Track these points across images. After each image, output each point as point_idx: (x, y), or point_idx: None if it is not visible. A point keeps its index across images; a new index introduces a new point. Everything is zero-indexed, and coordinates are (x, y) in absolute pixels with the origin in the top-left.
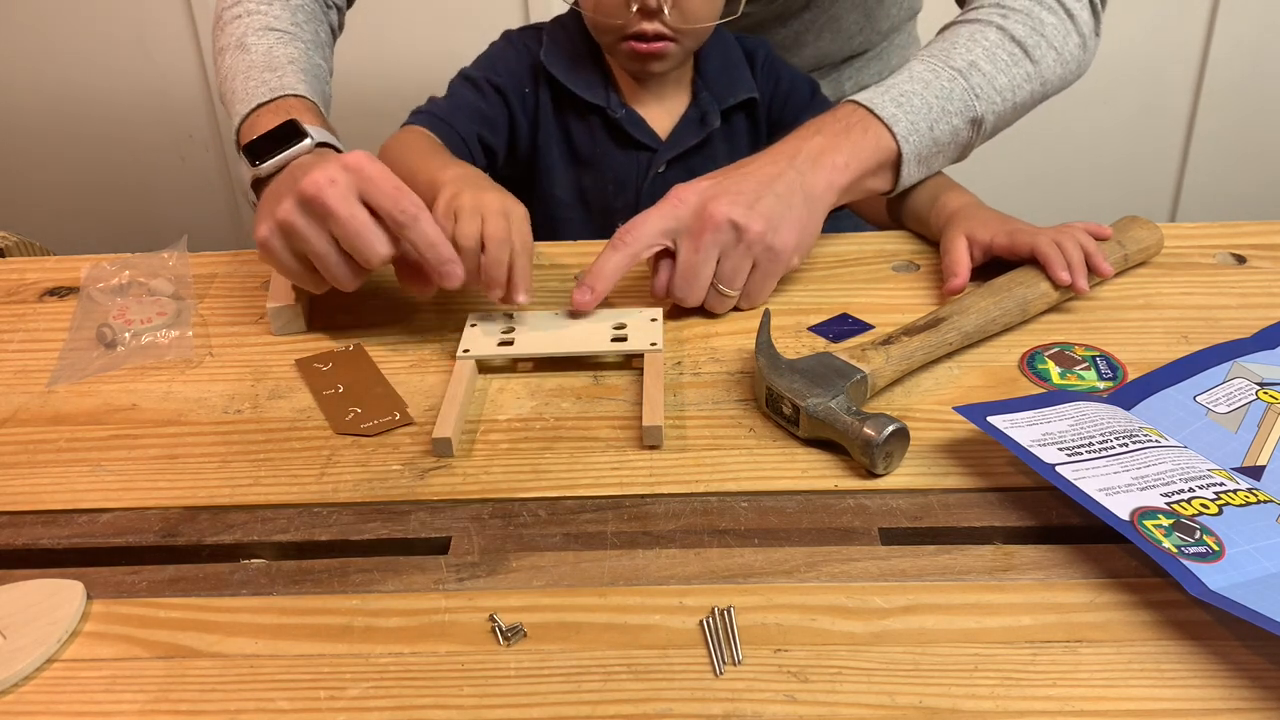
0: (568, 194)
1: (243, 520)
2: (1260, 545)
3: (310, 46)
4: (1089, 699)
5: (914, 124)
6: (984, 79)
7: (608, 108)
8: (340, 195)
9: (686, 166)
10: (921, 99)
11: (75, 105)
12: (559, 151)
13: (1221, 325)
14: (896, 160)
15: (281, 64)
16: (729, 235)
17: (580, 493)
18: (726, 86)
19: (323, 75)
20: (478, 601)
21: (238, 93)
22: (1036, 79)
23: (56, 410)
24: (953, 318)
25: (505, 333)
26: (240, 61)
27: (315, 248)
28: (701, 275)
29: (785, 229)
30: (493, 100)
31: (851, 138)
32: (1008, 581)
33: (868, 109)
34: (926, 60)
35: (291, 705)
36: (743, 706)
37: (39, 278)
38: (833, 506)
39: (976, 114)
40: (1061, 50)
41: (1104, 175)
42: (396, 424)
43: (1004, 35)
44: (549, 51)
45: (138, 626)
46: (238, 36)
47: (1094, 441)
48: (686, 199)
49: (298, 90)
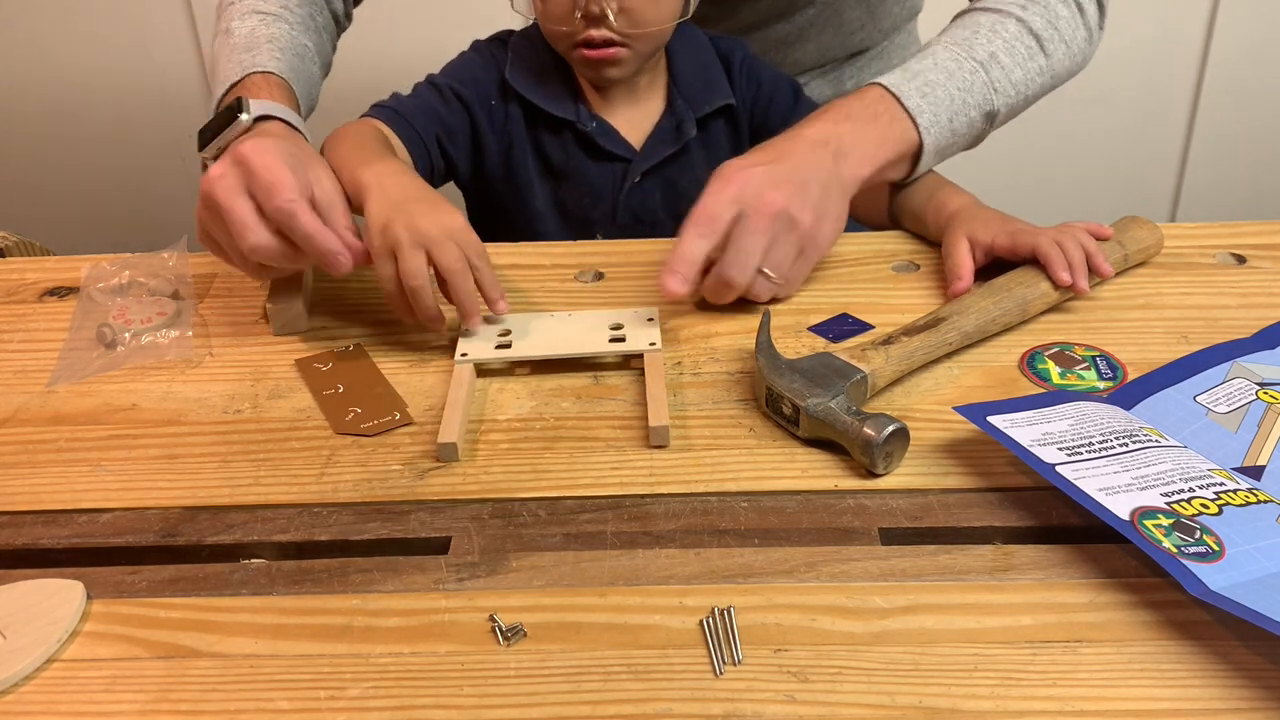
0: (545, 206)
1: (243, 520)
2: (1260, 545)
3: (296, 27)
4: (1089, 699)
5: (936, 116)
6: (1002, 72)
7: (577, 121)
8: (227, 189)
9: (663, 177)
10: (945, 90)
11: (75, 105)
12: (533, 165)
13: (1221, 325)
14: (917, 151)
15: (259, 44)
16: (784, 223)
17: (580, 493)
18: (702, 93)
19: (307, 55)
20: (478, 601)
21: (217, 76)
22: (1048, 72)
23: (56, 410)
24: (953, 318)
25: (502, 335)
26: (223, 46)
27: (220, 240)
28: (754, 259)
29: (827, 222)
30: (455, 109)
31: (879, 126)
32: (1008, 581)
33: (895, 96)
34: (950, 48)
35: (291, 705)
36: (743, 706)
37: (39, 278)
38: (833, 506)
39: (993, 107)
40: (1071, 44)
41: (1104, 175)
42: (396, 424)
43: (1023, 28)
44: (513, 67)
45: (138, 626)
46: (226, 23)
47: (1094, 441)
48: (746, 184)
49: (266, 67)
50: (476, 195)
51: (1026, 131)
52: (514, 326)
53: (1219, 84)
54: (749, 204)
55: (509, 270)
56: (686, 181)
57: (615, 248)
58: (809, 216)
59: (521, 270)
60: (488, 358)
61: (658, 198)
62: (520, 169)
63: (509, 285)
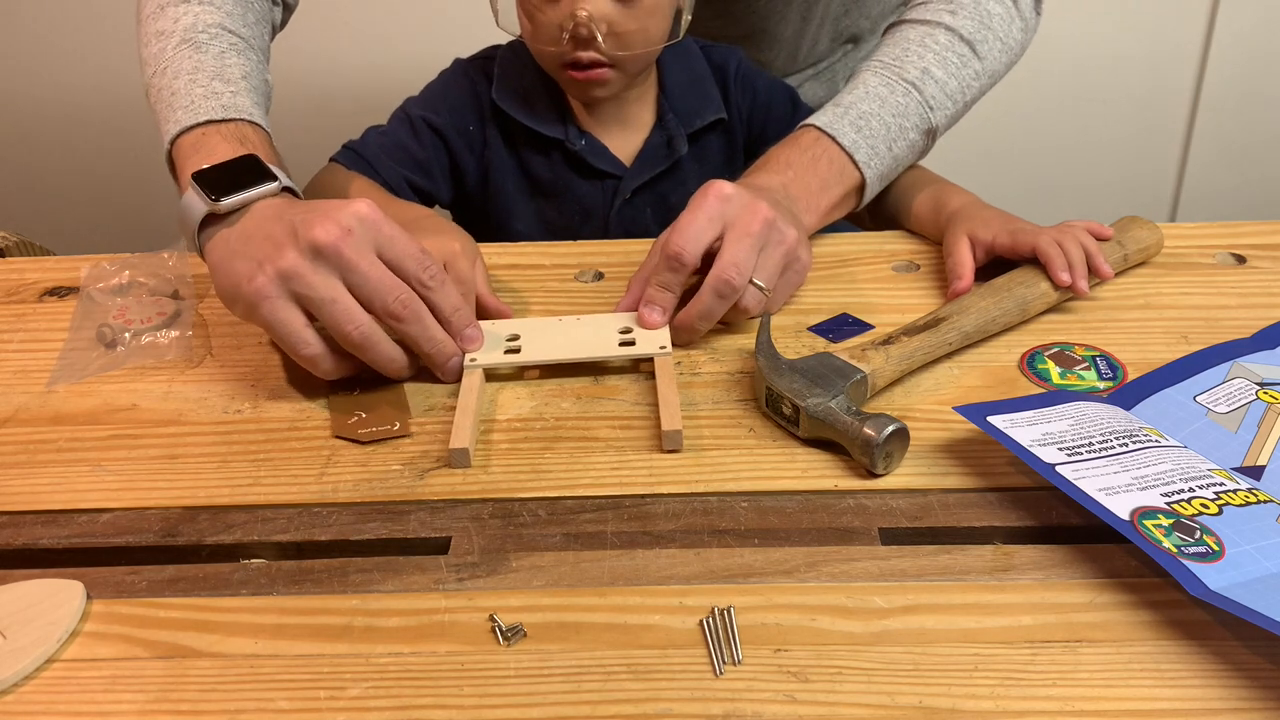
0: (529, 225)
1: (243, 520)
2: (1260, 545)
3: (261, 59)
4: (1089, 699)
5: (874, 148)
6: (937, 86)
7: (566, 140)
8: (356, 246)
9: (655, 193)
10: (879, 120)
11: (75, 105)
12: (515, 185)
13: (1221, 325)
14: (860, 185)
15: (235, 78)
16: (773, 235)
17: (580, 493)
18: (694, 107)
19: (269, 94)
20: (478, 601)
21: (180, 95)
22: (985, 75)
23: (56, 410)
24: (953, 318)
25: (510, 340)
26: (187, 59)
27: (323, 295)
28: (748, 266)
29: (805, 248)
30: (429, 143)
31: (818, 172)
32: (1007, 581)
33: (831, 138)
34: (880, 72)
35: (291, 705)
36: (743, 706)
37: (39, 278)
38: (833, 506)
39: (931, 125)
40: (1006, 39)
41: (1104, 175)
42: (392, 434)
43: (953, 36)
44: (500, 87)
45: (138, 626)
46: (186, 25)
47: (1094, 441)
48: (731, 196)
49: (254, 117)
50: (460, 216)
51: (1027, 131)
52: (522, 331)
53: (1219, 84)
54: (736, 215)
55: (509, 270)
56: (678, 197)
57: (615, 248)
58: (794, 232)
59: (521, 270)
60: (497, 362)
61: (649, 214)
62: (500, 191)
63: (509, 286)
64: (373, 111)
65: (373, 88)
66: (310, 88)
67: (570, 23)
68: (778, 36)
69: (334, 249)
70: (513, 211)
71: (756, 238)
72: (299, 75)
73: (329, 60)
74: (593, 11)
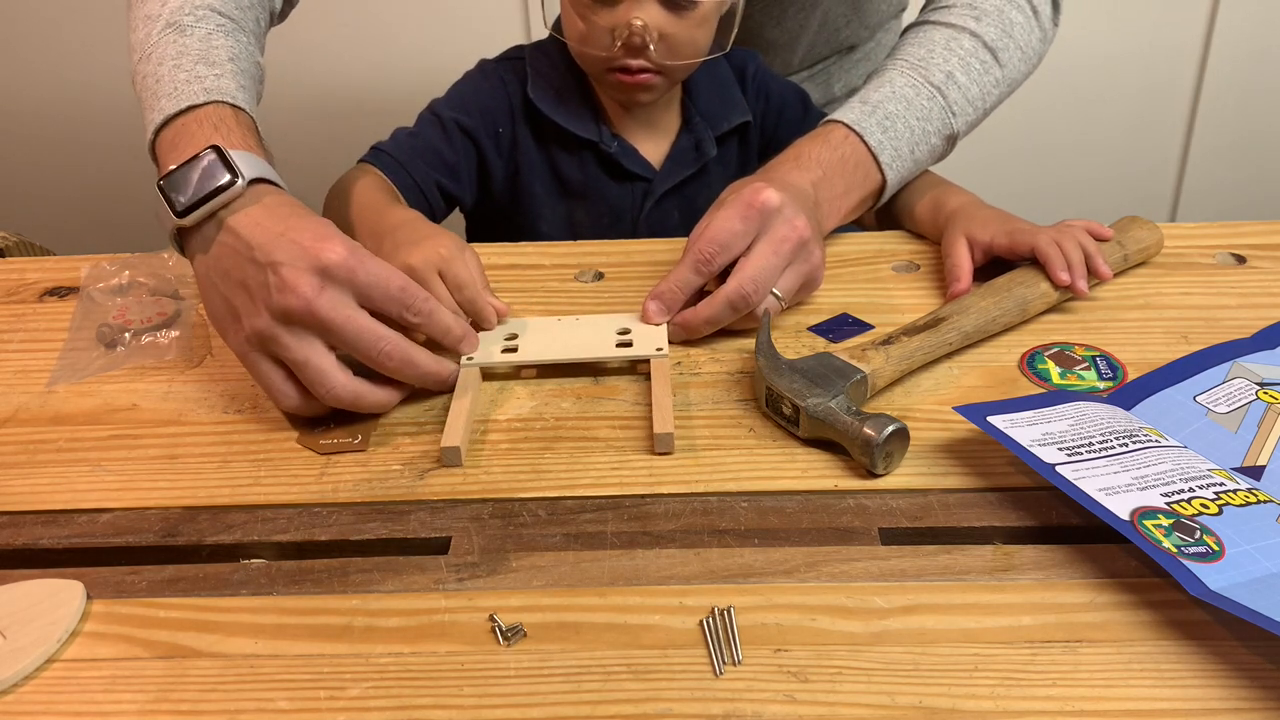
0: (556, 228)
1: (243, 520)
2: (1260, 545)
3: (253, 40)
4: (1089, 699)
5: (898, 151)
6: (959, 92)
7: (600, 142)
8: (331, 303)
9: (682, 195)
10: (904, 122)
11: (75, 105)
12: (544, 187)
13: (1221, 325)
14: (880, 188)
15: (220, 59)
16: (802, 253)
17: (580, 493)
18: (720, 111)
19: (259, 77)
20: (478, 601)
21: (164, 82)
22: (1004, 83)
23: (56, 410)
24: (953, 318)
25: (508, 339)
26: (171, 44)
27: (296, 357)
28: (771, 283)
29: (822, 267)
30: (459, 145)
31: (845, 174)
32: (1007, 581)
33: (858, 135)
34: (906, 73)
35: (291, 705)
36: (743, 706)
37: (39, 278)
38: (833, 506)
39: (953, 130)
40: (1025, 48)
41: (1104, 175)
42: (350, 448)
43: (978, 42)
44: (535, 87)
45: (138, 626)
46: (174, 8)
47: (1094, 441)
48: (777, 209)
49: (236, 100)
50: (480, 220)
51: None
52: (519, 330)
53: (1219, 84)
54: (774, 227)
55: (509, 270)
56: (704, 200)
57: (615, 248)
58: (819, 255)
59: (521, 270)
60: (494, 362)
61: (676, 217)
62: (527, 193)
63: (509, 286)
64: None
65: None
66: (310, 88)
67: (624, 31)
68: (775, 43)
69: (306, 313)
70: (540, 214)
71: (786, 256)
72: (299, 75)
73: (329, 60)
74: (648, 21)
